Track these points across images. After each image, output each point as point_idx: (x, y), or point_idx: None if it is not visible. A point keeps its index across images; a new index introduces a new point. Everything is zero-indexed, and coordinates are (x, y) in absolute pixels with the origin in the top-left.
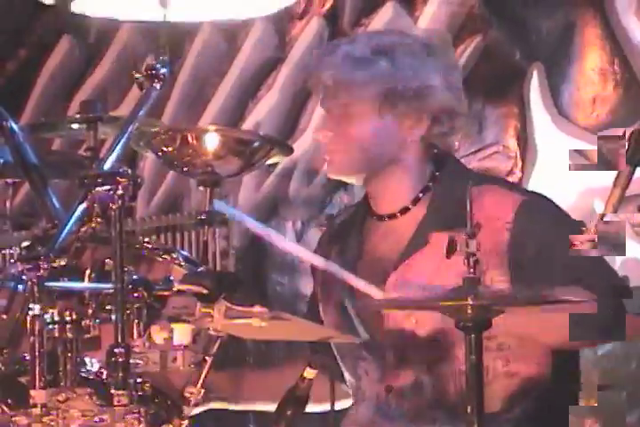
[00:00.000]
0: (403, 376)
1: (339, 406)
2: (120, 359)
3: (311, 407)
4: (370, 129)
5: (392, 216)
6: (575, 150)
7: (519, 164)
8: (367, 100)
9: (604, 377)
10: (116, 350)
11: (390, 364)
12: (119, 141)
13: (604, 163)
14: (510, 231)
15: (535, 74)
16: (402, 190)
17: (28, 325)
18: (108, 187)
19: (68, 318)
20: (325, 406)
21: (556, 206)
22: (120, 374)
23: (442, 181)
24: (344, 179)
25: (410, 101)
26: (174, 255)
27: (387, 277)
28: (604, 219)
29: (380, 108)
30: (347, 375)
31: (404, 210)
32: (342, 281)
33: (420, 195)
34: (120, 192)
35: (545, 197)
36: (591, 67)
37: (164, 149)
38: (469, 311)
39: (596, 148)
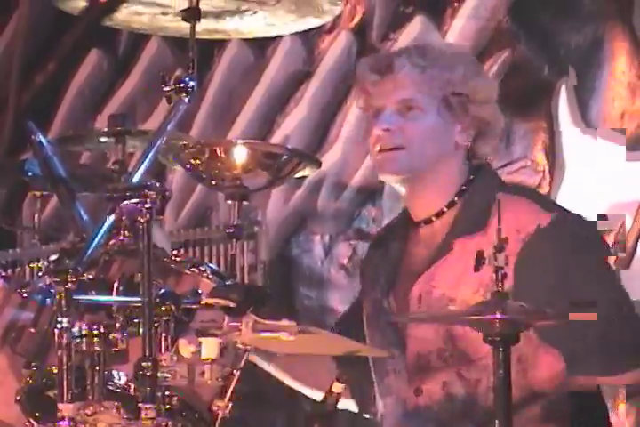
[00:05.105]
0: (429, 380)
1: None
2: (148, 373)
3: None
4: (428, 126)
5: (428, 221)
6: None
7: (547, 178)
8: (429, 96)
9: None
10: (143, 364)
11: (414, 370)
12: (148, 155)
13: None
14: (524, 245)
15: (563, 88)
16: (439, 193)
17: (56, 338)
18: (136, 200)
19: (95, 332)
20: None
21: (584, 229)
22: (148, 388)
23: (474, 188)
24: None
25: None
26: (202, 269)
27: (413, 283)
28: None
29: (439, 107)
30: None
31: (440, 213)
32: (380, 287)
33: (456, 198)
34: (148, 205)
35: (574, 218)
36: (619, 81)
37: (193, 162)
38: (497, 326)
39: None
